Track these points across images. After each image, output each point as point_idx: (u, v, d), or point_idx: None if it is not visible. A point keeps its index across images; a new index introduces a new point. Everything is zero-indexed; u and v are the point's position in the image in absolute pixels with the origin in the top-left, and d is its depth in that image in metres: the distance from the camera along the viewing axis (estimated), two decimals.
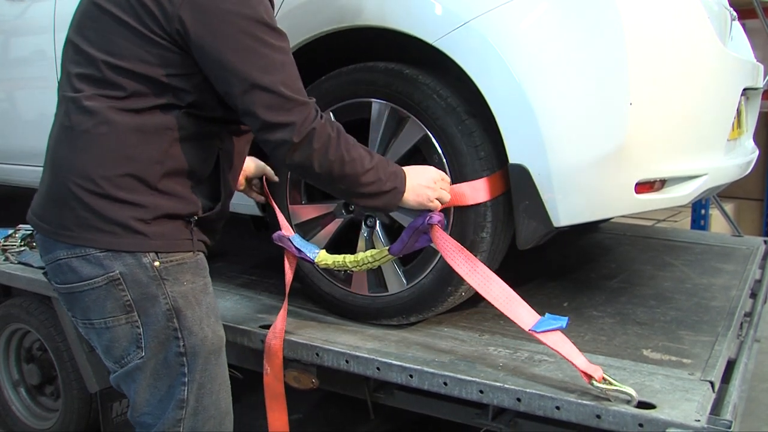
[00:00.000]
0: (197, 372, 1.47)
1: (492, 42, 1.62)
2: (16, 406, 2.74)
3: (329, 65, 1.95)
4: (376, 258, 1.76)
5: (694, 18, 1.77)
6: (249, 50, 1.37)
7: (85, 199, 1.39)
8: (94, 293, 1.42)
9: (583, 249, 2.84)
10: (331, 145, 1.45)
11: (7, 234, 2.79)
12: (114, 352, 1.47)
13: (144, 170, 1.40)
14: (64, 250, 1.43)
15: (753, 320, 2.16)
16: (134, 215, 1.40)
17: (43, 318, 2.52)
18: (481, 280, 1.60)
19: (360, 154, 1.51)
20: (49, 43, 2.56)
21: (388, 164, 1.57)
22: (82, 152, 1.40)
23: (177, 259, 1.46)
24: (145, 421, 1.50)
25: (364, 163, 1.50)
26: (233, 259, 2.62)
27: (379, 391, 1.90)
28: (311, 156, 1.44)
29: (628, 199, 1.69)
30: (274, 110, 1.39)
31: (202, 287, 1.51)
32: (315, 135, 1.43)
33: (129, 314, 1.43)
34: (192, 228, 1.48)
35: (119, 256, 1.40)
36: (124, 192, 1.39)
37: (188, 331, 1.46)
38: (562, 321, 1.53)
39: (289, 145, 1.42)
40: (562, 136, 1.62)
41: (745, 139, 2.27)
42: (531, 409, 1.51)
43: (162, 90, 1.41)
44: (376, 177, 1.53)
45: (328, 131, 1.45)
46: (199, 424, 1.49)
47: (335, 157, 1.46)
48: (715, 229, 4.56)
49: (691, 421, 1.36)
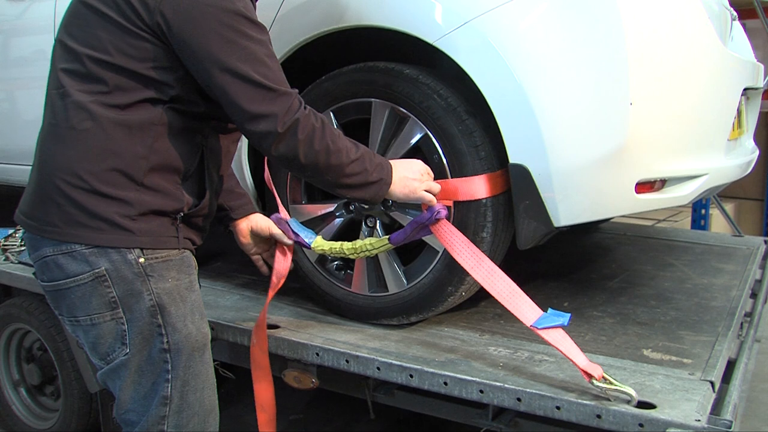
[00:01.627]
0: (181, 368, 1.48)
1: (492, 42, 1.62)
2: (17, 406, 2.75)
3: (329, 65, 1.95)
4: (375, 246, 1.75)
5: (695, 18, 1.77)
6: (230, 42, 1.38)
7: (71, 195, 1.40)
8: (80, 290, 1.43)
9: (583, 249, 2.84)
10: (315, 136, 1.45)
11: (7, 234, 2.79)
12: (99, 349, 1.47)
13: (129, 165, 1.41)
14: (51, 247, 1.43)
15: (753, 320, 2.16)
16: (120, 211, 1.41)
17: (43, 318, 2.52)
18: (485, 274, 1.60)
19: (345, 145, 1.51)
20: (49, 43, 2.53)
21: (374, 156, 1.57)
22: (68, 148, 1.41)
23: (162, 256, 1.46)
24: (130, 418, 1.51)
25: (350, 154, 1.51)
26: (233, 259, 2.62)
27: (379, 390, 1.90)
28: (296, 146, 1.45)
29: (628, 199, 1.69)
30: (256, 101, 1.40)
31: (188, 284, 1.51)
32: (299, 125, 1.43)
33: (114, 311, 1.44)
34: (178, 225, 1.49)
35: (105, 252, 1.41)
36: (110, 187, 1.40)
37: (172, 327, 1.46)
38: (564, 317, 1.53)
39: (273, 136, 1.43)
40: (562, 136, 1.62)
41: (746, 139, 2.27)
42: (531, 408, 1.51)
43: (144, 83, 1.42)
44: (362, 168, 1.53)
45: (312, 122, 1.46)
46: (183, 421, 1.50)
47: (320, 147, 1.46)
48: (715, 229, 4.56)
49: (692, 421, 1.36)
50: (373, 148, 1.85)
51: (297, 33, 1.89)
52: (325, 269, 2.03)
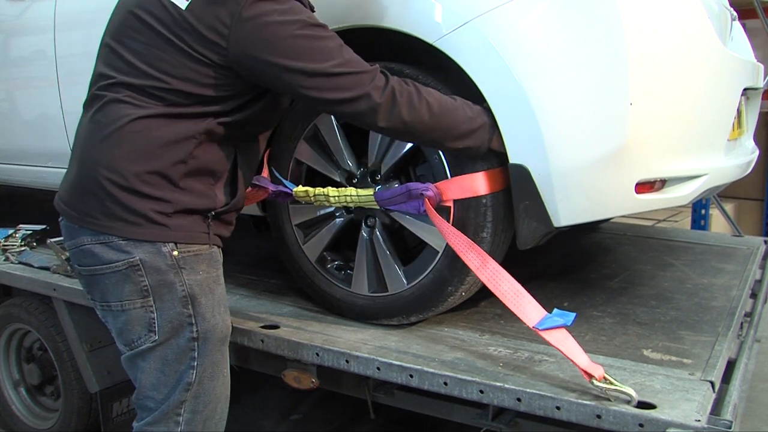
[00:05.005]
0: (206, 356, 1.56)
1: (492, 42, 1.62)
2: (17, 406, 2.75)
3: None
4: (360, 196, 1.79)
5: (695, 18, 1.76)
6: (305, 50, 1.48)
7: (112, 191, 1.48)
8: (114, 276, 1.51)
9: (583, 249, 2.84)
10: (413, 96, 1.54)
11: (7, 234, 2.79)
12: (126, 335, 1.55)
13: (169, 169, 1.50)
14: (89, 236, 1.52)
15: (753, 320, 2.16)
16: (156, 208, 1.50)
17: (43, 318, 2.52)
18: (490, 274, 1.60)
19: (442, 97, 1.59)
20: (49, 43, 2.56)
21: (469, 104, 1.63)
22: (114, 147, 1.49)
23: (194, 250, 1.55)
24: (148, 404, 1.58)
25: (449, 104, 1.58)
26: (233, 258, 2.62)
27: (379, 390, 1.90)
28: (400, 112, 1.53)
29: (628, 199, 1.69)
30: (347, 88, 1.50)
31: (215, 278, 1.60)
32: (396, 92, 1.52)
33: (145, 299, 1.51)
34: (209, 222, 1.58)
35: (140, 244, 1.50)
36: (149, 187, 1.49)
37: (201, 317, 1.55)
38: (568, 317, 1.52)
39: (375, 110, 1.51)
40: (562, 136, 1.62)
41: (746, 139, 2.27)
42: (531, 409, 1.51)
43: (198, 102, 1.52)
44: (465, 115, 1.60)
45: (405, 86, 1.54)
46: (200, 407, 1.58)
47: (421, 105, 1.54)
48: (715, 229, 4.56)
49: (692, 421, 1.36)
50: (373, 148, 1.86)
51: None
52: (325, 269, 2.03)
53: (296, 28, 1.47)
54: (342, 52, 1.51)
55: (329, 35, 1.52)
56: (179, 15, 1.47)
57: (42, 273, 2.44)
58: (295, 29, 1.47)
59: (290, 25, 1.46)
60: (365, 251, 1.93)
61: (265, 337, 1.87)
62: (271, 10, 1.45)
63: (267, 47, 1.46)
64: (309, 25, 1.49)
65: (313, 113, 1.92)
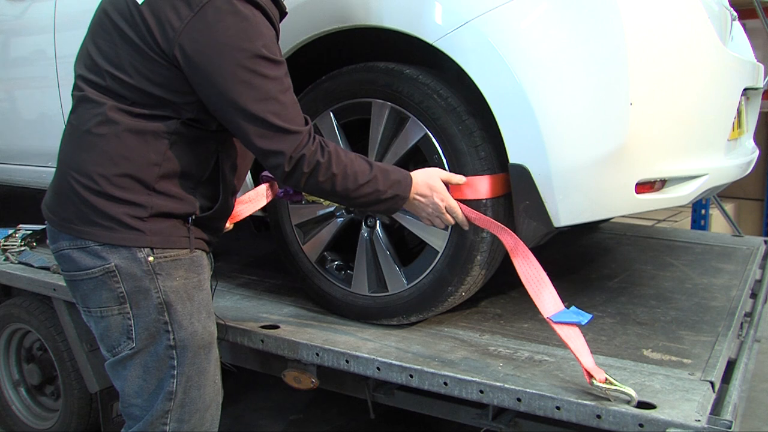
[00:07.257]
0: (186, 365, 1.52)
1: (492, 42, 1.62)
2: (17, 406, 2.74)
3: (329, 65, 1.95)
4: None
5: (695, 18, 1.76)
6: (244, 83, 1.42)
7: (85, 196, 1.46)
8: (92, 282, 1.49)
9: (584, 249, 2.84)
10: (320, 169, 1.50)
11: (7, 234, 2.79)
12: (107, 342, 1.53)
13: (141, 171, 1.46)
14: (67, 241, 1.50)
15: (753, 320, 2.16)
16: (131, 212, 1.46)
17: (43, 318, 2.52)
18: (521, 256, 1.59)
19: (355, 170, 1.54)
20: (49, 43, 2.56)
21: (393, 173, 1.59)
22: (83, 151, 1.47)
23: (171, 255, 1.50)
24: (134, 413, 1.55)
25: (359, 179, 1.54)
26: (233, 259, 2.62)
27: (379, 390, 1.90)
28: (300, 179, 1.51)
29: (628, 199, 1.69)
30: (266, 138, 1.45)
31: (196, 283, 1.55)
32: (305, 161, 1.48)
33: (122, 305, 1.48)
34: (189, 226, 1.53)
35: (116, 249, 1.46)
36: (122, 191, 1.45)
37: (178, 324, 1.51)
38: (585, 317, 1.51)
39: (281, 170, 1.48)
40: (562, 136, 1.62)
41: (746, 139, 2.27)
42: (531, 409, 1.51)
43: (161, 103, 1.47)
44: (373, 188, 1.56)
45: (317, 158, 1.49)
46: (186, 416, 1.54)
47: (325, 179, 1.52)
48: (715, 229, 4.56)
49: (692, 421, 1.36)
50: (373, 148, 1.86)
51: (297, 33, 1.89)
52: (325, 269, 2.03)
53: (244, 56, 1.40)
54: (280, 99, 1.45)
55: (274, 76, 1.44)
56: (137, 10, 1.43)
57: (42, 273, 2.44)
58: (242, 57, 1.40)
59: (239, 53, 1.40)
60: (365, 251, 1.93)
61: (265, 337, 1.87)
62: (225, 26, 1.39)
63: (209, 62, 1.40)
64: (258, 58, 1.41)
65: (313, 113, 1.92)
